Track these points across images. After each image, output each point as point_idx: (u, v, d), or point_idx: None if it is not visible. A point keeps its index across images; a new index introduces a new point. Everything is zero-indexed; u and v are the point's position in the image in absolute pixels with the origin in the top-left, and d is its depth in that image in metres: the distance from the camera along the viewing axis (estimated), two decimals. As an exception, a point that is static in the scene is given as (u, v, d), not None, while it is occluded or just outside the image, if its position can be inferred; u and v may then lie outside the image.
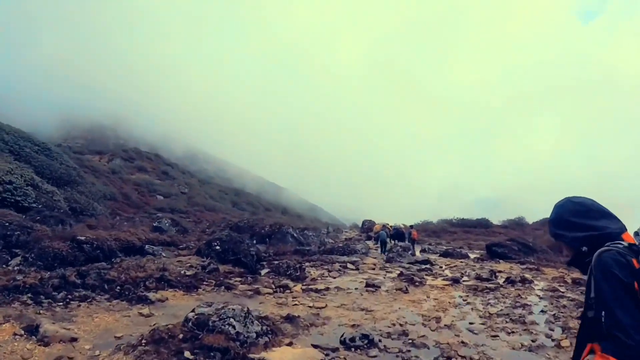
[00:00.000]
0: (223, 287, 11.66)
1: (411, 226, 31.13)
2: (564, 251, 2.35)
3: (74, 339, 6.99)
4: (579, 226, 2.22)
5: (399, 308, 10.11)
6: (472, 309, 10.33)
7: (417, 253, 23.52)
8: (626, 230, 2.16)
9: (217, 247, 15.17)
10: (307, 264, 16.62)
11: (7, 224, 14.28)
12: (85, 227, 19.09)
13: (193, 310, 7.15)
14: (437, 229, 44.85)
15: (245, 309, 7.21)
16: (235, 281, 12.54)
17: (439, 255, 22.90)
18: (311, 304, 9.98)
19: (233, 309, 7.01)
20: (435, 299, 11.22)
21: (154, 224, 24.72)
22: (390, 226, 31.45)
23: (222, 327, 6.69)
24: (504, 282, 14.05)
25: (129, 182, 47.21)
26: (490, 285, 12.94)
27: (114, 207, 34.66)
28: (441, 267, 17.75)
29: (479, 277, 14.46)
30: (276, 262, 16.82)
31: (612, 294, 1.87)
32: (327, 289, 11.80)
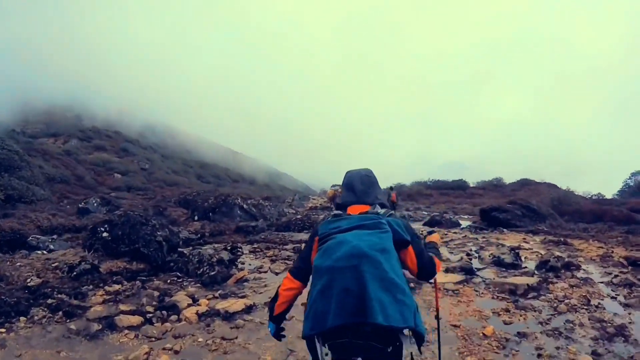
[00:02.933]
0: (61, 312, 5.94)
1: (391, 188, 25.56)
2: None
3: None
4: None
5: None
6: (538, 354, 4.63)
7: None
8: (357, 204, 2.67)
9: (105, 234, 9.36)
10: (246, 247, 10.98)
11: None
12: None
13: None
14: (411, 192, 39.29)
15: None
16: (104, 293, 6.81)
17: (424, 224, 17.33)
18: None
19: None
20: (452, 324, 5.52)
21: (79, 205, 19.51)
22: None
23: None
24: (538, 268, 8.52)
25: (85, 163, 42.55)
26: (528, 280, 7.28)
27: (65, 190, 30.00)
28: None
29: (498, 262, 8.88)
30: (205, 246, 11.35)
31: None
32: (251, 308, 6.01)
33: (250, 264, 9.02)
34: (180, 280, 7.71)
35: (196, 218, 17.24)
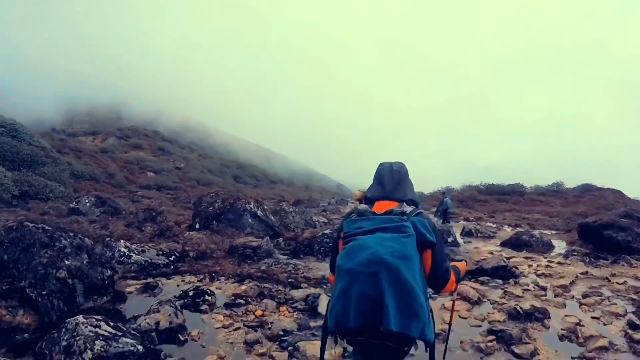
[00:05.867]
0: None
1: (443, 194, 20.75)
2: None
3: None
4: None
5: None
6: None
7: (459, 238, 12.83)
8: (384, 199, 2.52)
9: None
10: (229, 286, 6.30)
11: None
12: None
13: None
14: (463, 197, 33.35)
15: None
16: None
17: (502, 244, 12.11)
18: None
19: None
20: None
21: (71, 205, 15.54)
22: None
23: None
24: None
25: (120, 161, 41.08)
26: None
27: (92, 187, 28.55)
28: (540, 288, 6.99)
29: None
30: (173, 278, 6.99)
31: None
32: None
33: (203, 345, 4.28)
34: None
35: (197, 226, 12.78)
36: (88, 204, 15.59)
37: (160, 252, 8.57)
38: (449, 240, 11.12)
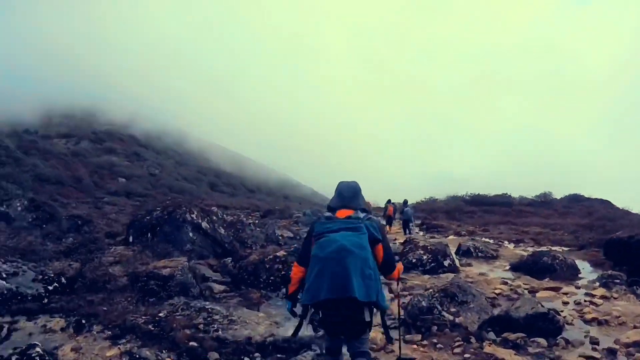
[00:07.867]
0: None
1: (404, 202, 19.75)
2: None
3: None
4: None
5: None
6: None
7: (456, 261, 10.12)
8: (344, 208, 3.20)
9: None
10: (94, 343, 3.64)
11: None
12: None
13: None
14: (449, 208, 30.69)
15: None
16: None
17: (511, 269, 9.35)
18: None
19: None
20: None
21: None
22: None
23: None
24: None
25: (91, 165, 37.32)
26: None
27: (56, 191, 25.84)
28: (607, 350, 4.30)
29: None
30: (38, 319, 4.23)
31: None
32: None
33: None
34: None
35: (131, 239, 10.02)
36: (20, 208, 13.05)
37: (40, 277, 5.79)
38: (445, 263, 8.46)
